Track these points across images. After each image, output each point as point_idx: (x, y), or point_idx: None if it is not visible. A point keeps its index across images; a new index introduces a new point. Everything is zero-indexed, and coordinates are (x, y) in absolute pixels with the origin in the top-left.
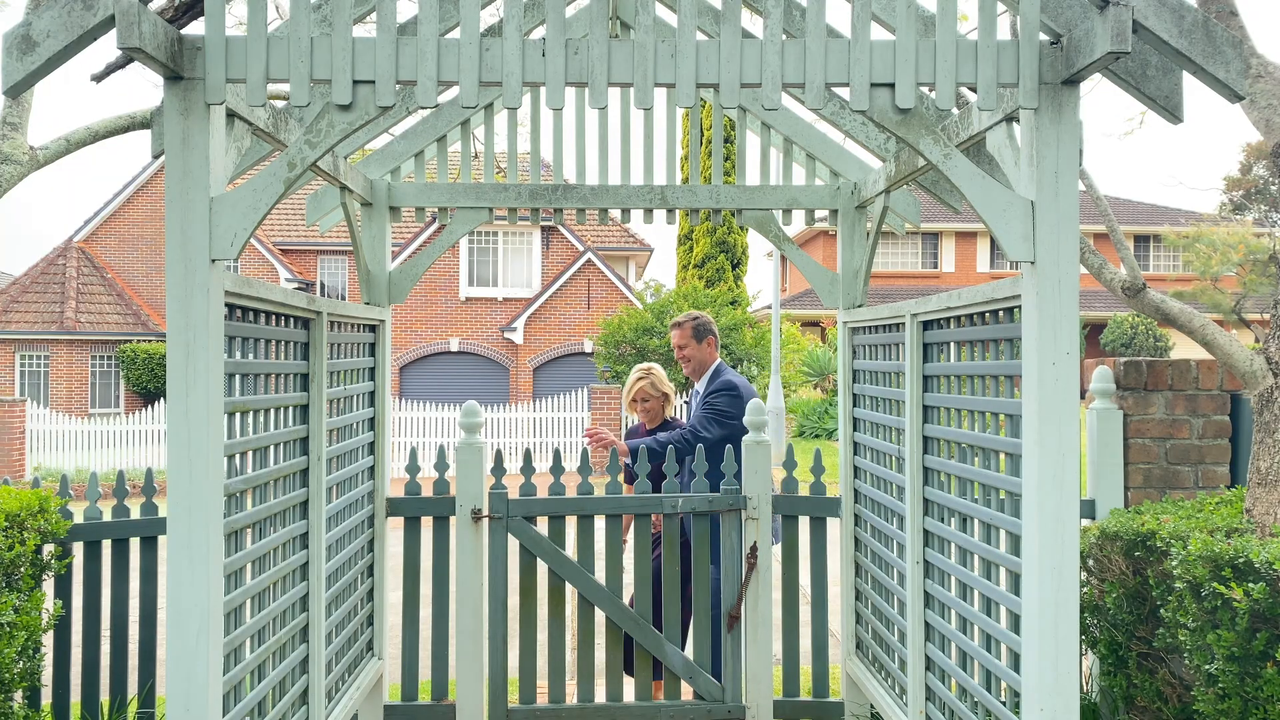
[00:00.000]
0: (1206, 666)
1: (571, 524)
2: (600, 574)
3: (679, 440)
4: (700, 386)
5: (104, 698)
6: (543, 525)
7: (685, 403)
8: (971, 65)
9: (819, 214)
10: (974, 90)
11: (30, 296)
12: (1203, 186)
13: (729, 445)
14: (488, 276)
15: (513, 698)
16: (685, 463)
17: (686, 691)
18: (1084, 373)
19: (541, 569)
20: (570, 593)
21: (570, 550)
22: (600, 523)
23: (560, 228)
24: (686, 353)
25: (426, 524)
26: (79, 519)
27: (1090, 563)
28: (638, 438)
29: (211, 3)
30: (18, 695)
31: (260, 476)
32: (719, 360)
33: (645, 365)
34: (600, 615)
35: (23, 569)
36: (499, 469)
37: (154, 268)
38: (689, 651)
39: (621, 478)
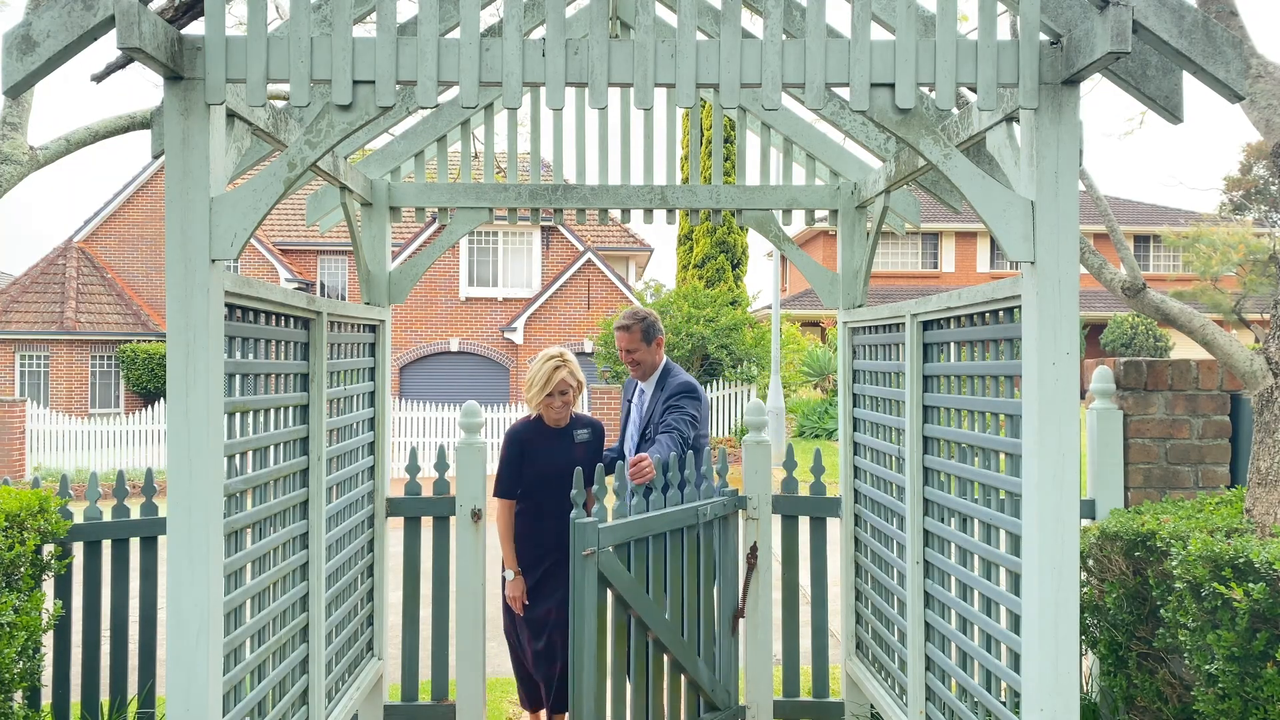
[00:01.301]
0: (1206, 666)
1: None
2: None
3: (680, 450)
4: (648, 387)
5: (104, 698)
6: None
7: (628, 401)
8: (971, 65)
9: (819, 214)
10: (974, 90)
11: (30, 296)
12: (1203, 186)
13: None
14: (488, 276)
15: None
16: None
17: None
18: (1084, 373)
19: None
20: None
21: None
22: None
23: (560, 228)
24: (637, 356)
25: (426, 524)
26: (79, 519)
27: (1090, 563)
28: (531, 440)
29: (211, 3)
30: (18, 695)
31: (260, 476)
32: (665, 359)
33: (556, 350)
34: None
35: (23, 569)
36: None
37: (154, 268)
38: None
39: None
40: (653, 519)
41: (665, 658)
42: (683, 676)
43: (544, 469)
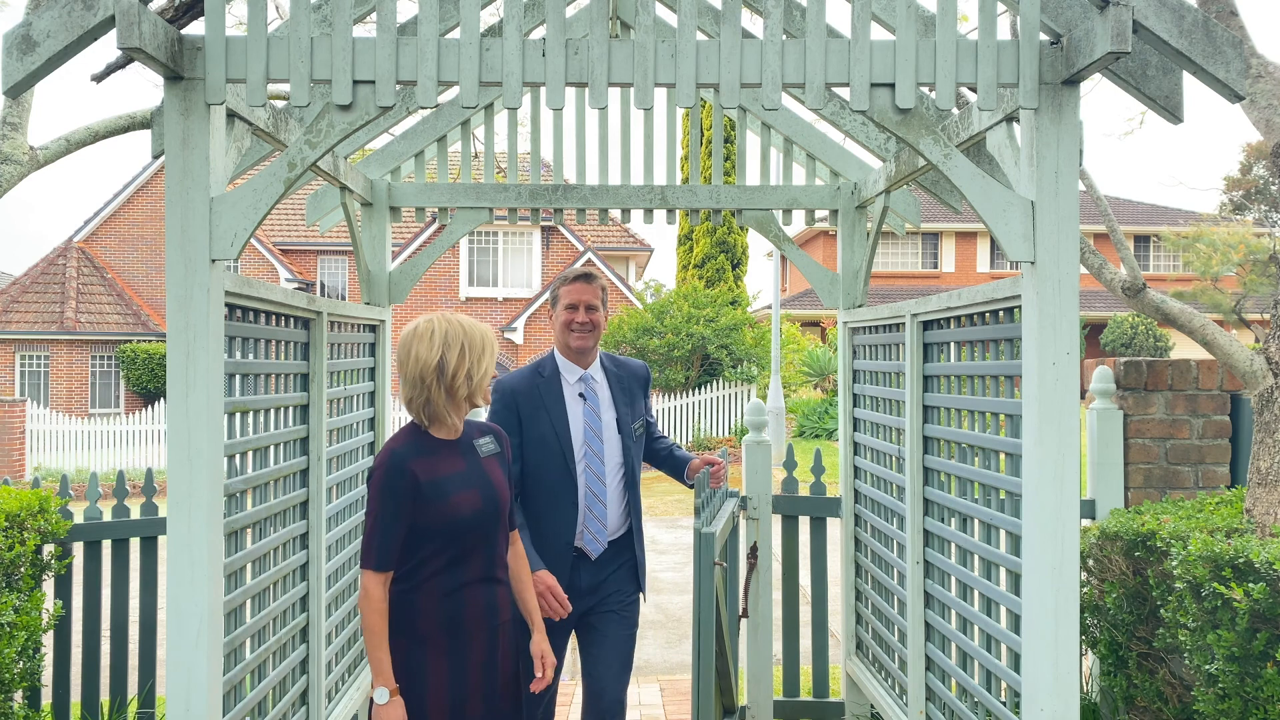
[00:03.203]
0: (1206, 666)
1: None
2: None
3: None
4: (595, 373)
5: (104, 698)
6: None
7: (579, 395)
8: (971, 65)
9: (819, 214)
10: (974, 90)
11: (30, 296)
12: (1203, 186)
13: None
14: (488, 276)
15: None
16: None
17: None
18: (1084, 373)
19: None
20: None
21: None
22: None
23: (560, 228)
24: (598, 317)
25: None
26: (79, 519)
27: (1090, 563)
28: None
29: (211, 3)
30: (18, 695)
31: (260, 476)
32: None
33: (443, 318)
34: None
35: (23, 569)
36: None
37: (154, 268)
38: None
39: None
40: (724, 525)
41: (715, 665)
42: (718, 682)
43: (456, 509)
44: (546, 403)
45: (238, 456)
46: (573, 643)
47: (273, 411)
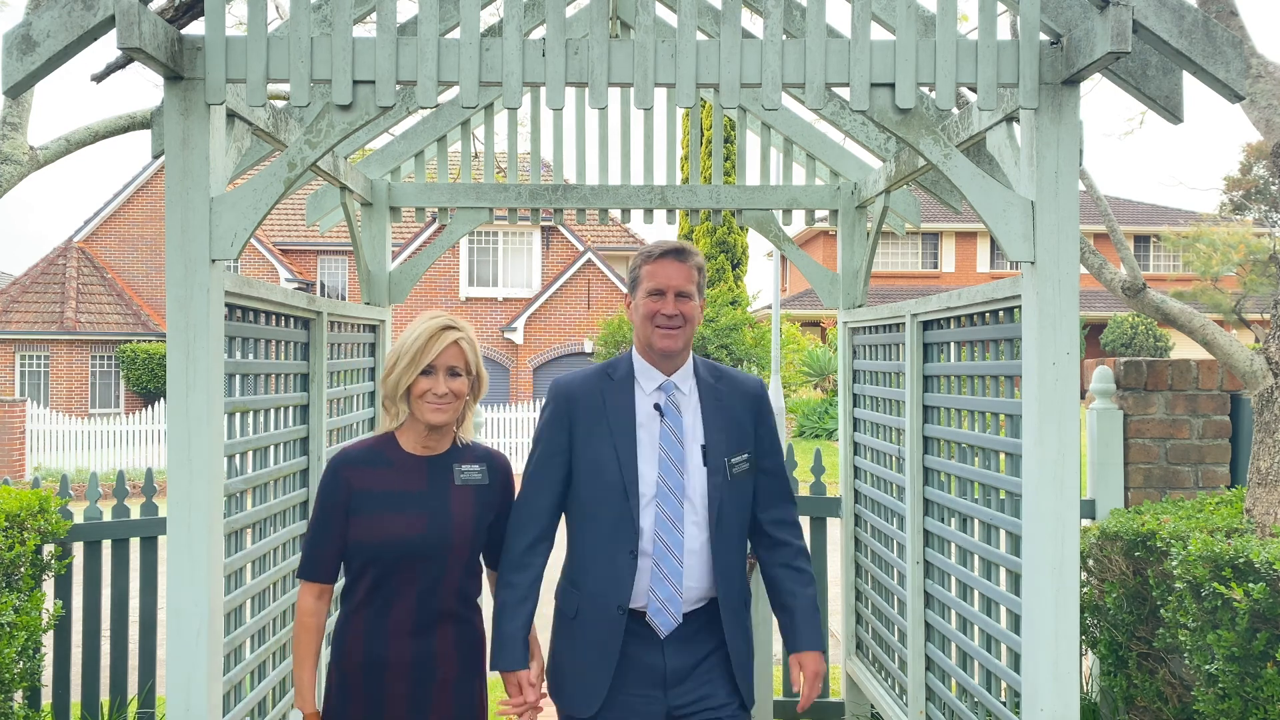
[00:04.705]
0: (1206, 666)
1: None
2: None
3: None
4: (683, 382)
5: (104, 698)
6: None
7: (654, 406)
8: (971, 65)
9: (819, 214)
10: (974, 90)
11: (30, 296)
12: (1203, 186)
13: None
14: (488, 276)
15: None
16: None
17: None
18: (1084, 373)
19: None
20: None
21: None
22: None
23: (560, 228)
24: (692, 308)
25: None
26: (79, 519)
27: (1090, 563)
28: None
29: (211, 3)
30: (18, 695)
31: (260, 476)
32: None
33: (439, 314)
34: None
35: (23, 569)
36: None
37: (154, 268)
38: None
39: None
40: None
41: None
42: None
43: (383, 528)
44: (610, 414)
45: (238, 456)
46: None
47: (273, 411)
